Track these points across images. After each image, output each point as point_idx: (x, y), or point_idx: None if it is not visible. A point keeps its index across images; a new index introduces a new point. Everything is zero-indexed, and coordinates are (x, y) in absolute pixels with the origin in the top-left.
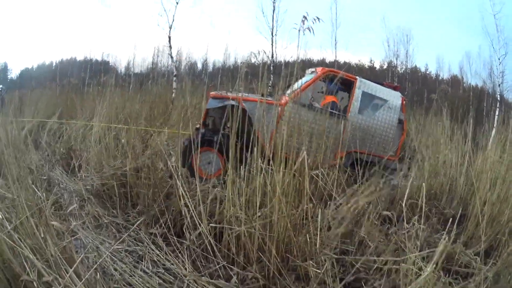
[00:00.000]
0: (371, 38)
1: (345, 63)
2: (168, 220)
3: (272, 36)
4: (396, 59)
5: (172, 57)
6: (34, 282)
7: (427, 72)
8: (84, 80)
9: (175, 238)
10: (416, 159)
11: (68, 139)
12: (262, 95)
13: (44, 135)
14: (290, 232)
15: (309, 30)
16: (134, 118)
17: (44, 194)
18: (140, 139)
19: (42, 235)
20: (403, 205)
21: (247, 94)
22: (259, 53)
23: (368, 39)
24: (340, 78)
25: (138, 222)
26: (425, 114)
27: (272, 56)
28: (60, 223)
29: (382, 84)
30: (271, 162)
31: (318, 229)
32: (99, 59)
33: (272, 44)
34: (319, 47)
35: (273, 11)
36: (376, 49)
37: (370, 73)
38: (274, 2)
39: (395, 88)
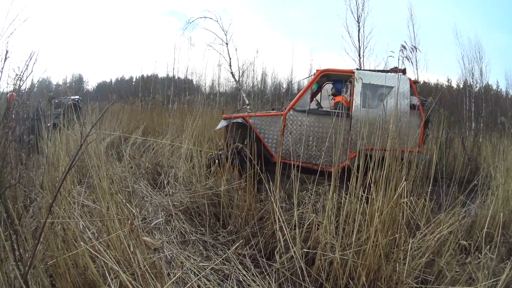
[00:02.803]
0: (444, 54)
1: (424, 82)
2: (260, 242)
3: (360, 57)
4: (472, 77)
5: (233, 76)
6: None
7: (498, 90)
8: (169, 97)
9: (264, 260)
10: (490, 185)
11: (155, 155)
12: (273, 110)
13: (128, 148)
14: (381, 260)
15: (408, 60)
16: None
17: (136, 209)
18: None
19: (132, 249)
20: (480, 235)
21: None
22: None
23: (442, 54)
24: (341, 77)
25: (227, 241)
26: (500, 137)
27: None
28: (142, 235)
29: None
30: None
31: (407, 259)
32: (182, 77)
33: (360, 66)
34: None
35: (358, 31)
36: (451, 66)
37: (448, 93)
38: (358, 22)
39: (401, 73)
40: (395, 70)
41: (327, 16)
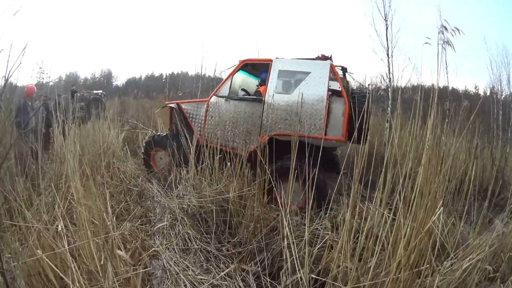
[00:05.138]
0: (473, 58)
1: (452, 89)
2: (266, 258)
3: (388, 57)
4: (500, 84)
5: None
6: None
7: None
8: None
9: (268, 279)
10: None
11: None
12: None
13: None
14: None
15: (449, 45)
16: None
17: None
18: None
19: (102, 262)
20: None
21: None
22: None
23: (470, 59)
24: (262, 66)
25: (232, 254)
26: None
27: (390, 80)
28: (143, 239)
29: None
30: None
31: None
32: (212, 75)
33: (388, 67)
34: (429, 71)
35: (386, 29)
36: (479, 72)
37: (476, 99)
38: (386, 20)
39: (325, 59)
40: (321, 57)
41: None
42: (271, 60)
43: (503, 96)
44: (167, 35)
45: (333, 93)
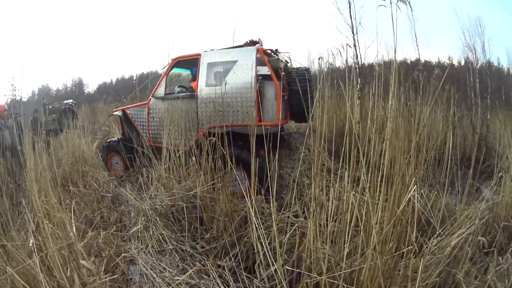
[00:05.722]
0: (443, 29)
1: (425, 61)
2: (239, 252)
3: (353, 34)
4: (474, 52)
5: None
6: None
7: (500, 66)
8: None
9: (244, 274)
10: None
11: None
12: None
13: None
14: (380, 283)
15: (404, 2)
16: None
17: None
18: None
19: (69, 274)
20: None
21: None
22: (339, 52)
23: (441, 30)
24: (193, 61)
25: (207, 250)
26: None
27: (357, 57)
28: (119, 245)
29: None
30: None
31: (418, 278)
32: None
33: (354, 44)
34: (400, 46)
35: (349, 7)
36: (452, 42)
37: (450, 72)
38: None
39: (252, 44)
40: (249, 43)
41: None
42: (200, 54)
43: (478, 65)
44: (135, 35)
45: (264, 77)
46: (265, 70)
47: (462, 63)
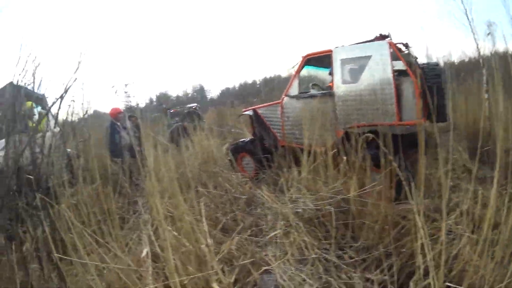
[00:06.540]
0: None
1: None
2: (394, 264)
3: (469, 20)
4: None
5: None
6: None
7: None
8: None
9: None
10: None
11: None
12: None
13: None
14: None
15: None
16: None
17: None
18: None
19: None
20: None
21: None
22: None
23: None
24: (324, 58)
25: (355, 261)
26: None
27: (477, 46)
28: (254, 252)
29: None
30: None
31: None
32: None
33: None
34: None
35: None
36: None
37: None
38: None
39: (382, 39)
40: (379, 37)
41: None
42: (331, 51)
43: None
44: (256, 40)
45: (399, 73)
46: (400, 65)
47: None
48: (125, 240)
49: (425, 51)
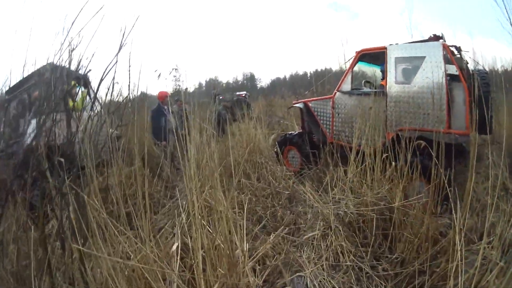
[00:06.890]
0: None
1: None
2: (426, 283)
3: None
4: None
5: None
6: None
7: None
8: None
9: None
10: None
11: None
12: None
13: None
14: None
15: None
16: None
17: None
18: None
19: None
20: None
21: None
22: None
23: None
24: (378, 55)
25: (388, 274)
26: None
27: None
28: (288, 251)
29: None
30: None
31: None
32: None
33: None
34: None
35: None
36: None
37: None
38: None
39: (436, 39)
40: (432, 38)
41: None
42: (385, 48)
43: None
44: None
45: (451, 78)
46: (453, 69)
47: None
48: (158, 225)
49: (472, 56)
